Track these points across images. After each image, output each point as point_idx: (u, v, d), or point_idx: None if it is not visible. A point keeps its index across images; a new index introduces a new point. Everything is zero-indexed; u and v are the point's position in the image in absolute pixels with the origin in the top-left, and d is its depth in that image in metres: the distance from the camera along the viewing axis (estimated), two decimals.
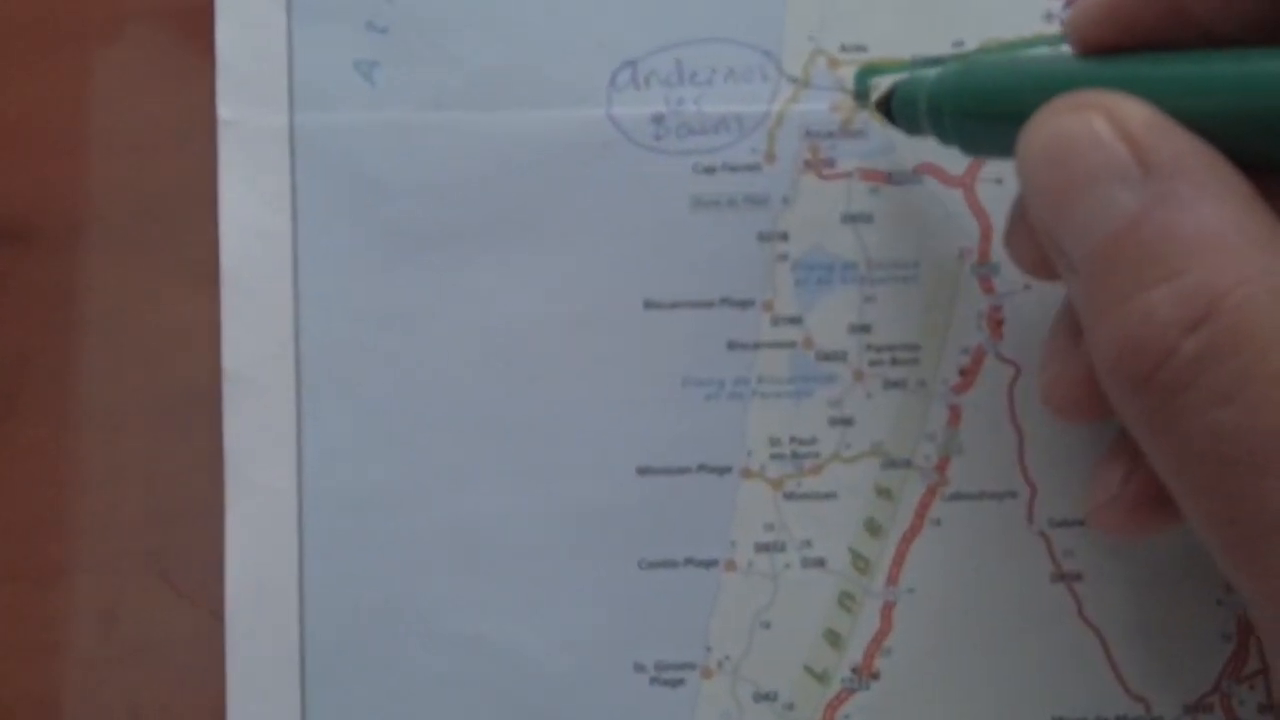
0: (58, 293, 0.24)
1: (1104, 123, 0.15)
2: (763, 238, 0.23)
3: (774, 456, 0.23)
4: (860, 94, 0.23)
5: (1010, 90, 0.17)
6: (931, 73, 0.20)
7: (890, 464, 0.23)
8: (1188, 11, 0.16)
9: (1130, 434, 0.16)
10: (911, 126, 0.21)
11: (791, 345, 0.23)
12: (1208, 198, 0.14)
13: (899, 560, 0.23)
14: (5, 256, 0.24)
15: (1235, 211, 0.14)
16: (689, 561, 0.23)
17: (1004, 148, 0.17)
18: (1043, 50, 0.18)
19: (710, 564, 0.23)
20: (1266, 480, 0.14)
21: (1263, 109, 0.15)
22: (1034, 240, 0.17)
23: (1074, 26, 0.17)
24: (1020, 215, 0.19)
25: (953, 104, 0.19)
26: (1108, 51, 0.17)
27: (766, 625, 0.23)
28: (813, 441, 0.23)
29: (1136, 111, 0.15)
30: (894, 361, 0.23)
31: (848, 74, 0.23)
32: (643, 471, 0.23)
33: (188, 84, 0.23)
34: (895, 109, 0.21)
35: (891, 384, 0.23)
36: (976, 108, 0.18)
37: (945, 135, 0.19)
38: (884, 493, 0.23)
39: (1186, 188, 0.14)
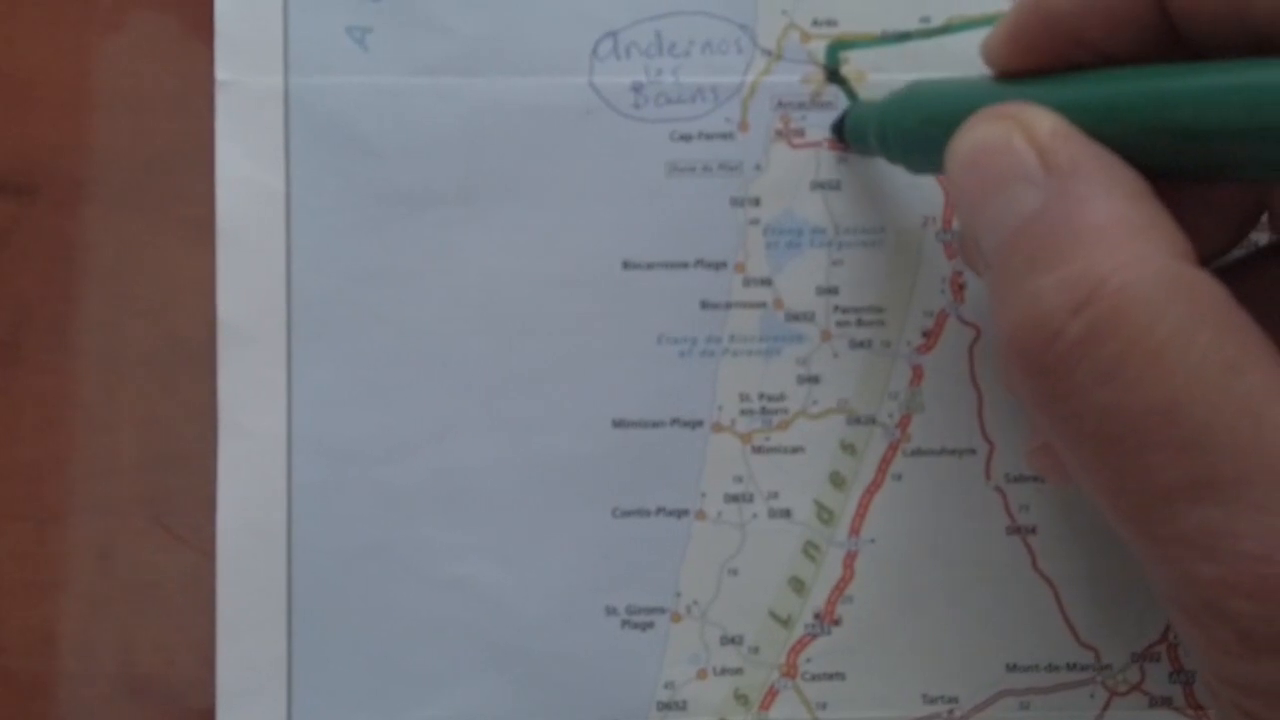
0: (59, 246, 0.24)
1: (1015, 130, 0.16)
2: (735, 202, 0.24)
3: (744, 412, 0.24)
4: (830, 67, 0.24)
5: (943, 109, 0.19)
6: (878, 99, 0.21)
7: (855, 420, 0.24)
8: (1083, 38, 0.17)
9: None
10: (862, 147, 0.23)
11: (762, 305, 0.24)
12: (1099, 194, 0.15)
13: (861, 512, 0.24)
14: (9, 211, 0.25)
15: (1123, 206, 0.15)
16: (661, 511, 0.24)
17: (941, 164, 0.18)
18: (975, 76, 0.19)
19: (681, 513, 0.24)
20: (1147, 455, 0.14)
21: (1152, 120, 0.16)
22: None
23: (987, 52, 0.19)
24: None
25: (896, 124, 0.20)
26: (1019, 73, 0.18)
27: (734, 572, 0.24)
28: (781, 398, 0.24)
29: (1044, 120, 0.16)
30: (860, 322, 0.24)
31: (819, 48, 0.24)
32: (618, 424, 0.24)
33: (186, 47, 0.24)
34: (848, 133, 0.23)
35: (857, 344, 0.24)
36: (916, 126, 0.20)
37: (891, 154, 0.21)
38: (848, 448, 0.24)
39: (1081, 186, 0.16)
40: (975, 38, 0.24)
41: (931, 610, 0.24)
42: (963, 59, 0.24)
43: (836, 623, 0.24)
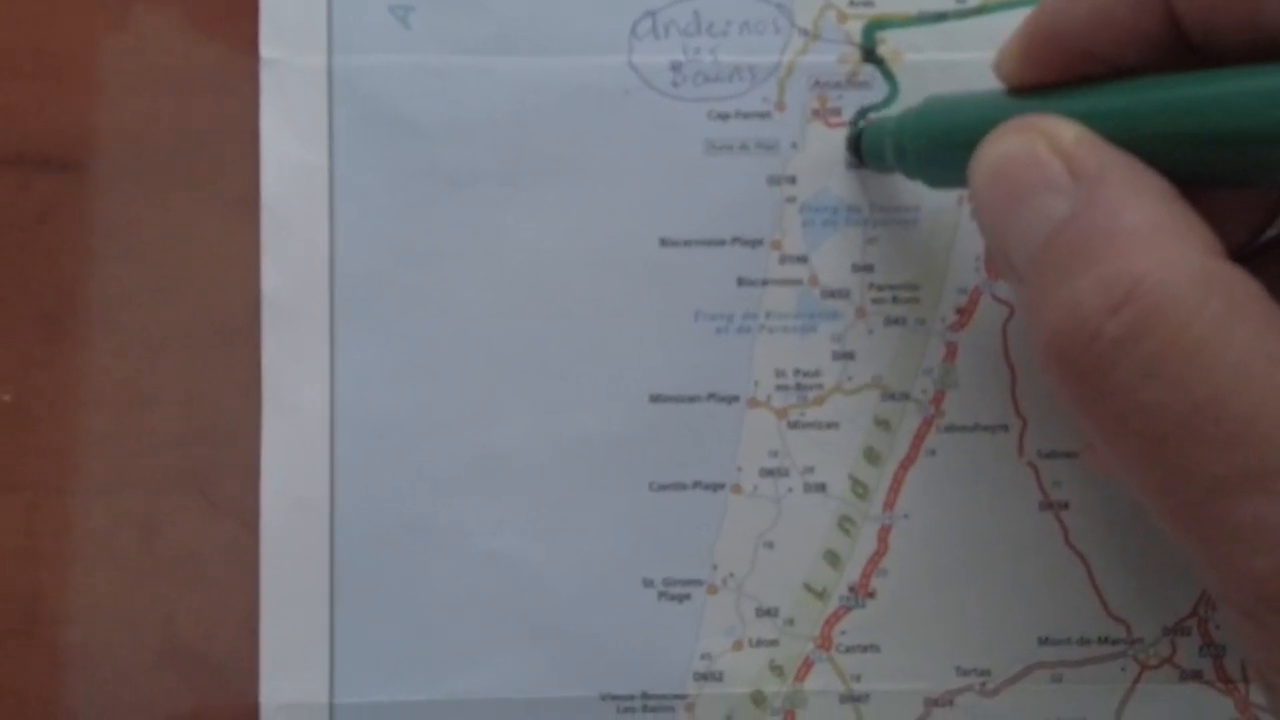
0: (102, 222, 0.25)
1: (1040, 140, 0.17)
2: (772, 181, 0.24)
3: (779, 387, 0.24)
4: (867, 47, 0.24)
5: (961, 123, 0.19)
6: (894, 115, 0.22)
7: (889, 396, 0.24)
8: (1095, 51, 0.18)
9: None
10: (879, 164, 0.23)
11: (798, 283, 0.24)
12: (1128, 198, 0.16)
13: (896, 487, 0.24)
14: (52, 186, 0.25)
15: (1154, 208, 0.16)
16: (697, 485, 0.24)
17: (960, 178, 0.18)
18: (990, 90, 0.19)
19: (717, 487, 0.24)
20: (1194, 451, 0.14)
21: (1174, 126, 0.16)
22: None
23: (999, 67, 0.19)
24: None
25: (913, 140, 0.20)
26: (1032, 87, 0.18)
27: (770, 545, 0.24)
28: (816, 374, 0.24)
29: (1068, 130, 0.17)
30: (895, 300, 0.24)
31: (855, 28, 0.24)
32: (655, 399, 0.24)
33: (228, 24, 0.25)
34: (864, 150, 0.23)
35: (892, 321, 0.24)
36: (934, 141, 0.20)
37: (909, 169, 0.21)
38: (882, 423, 0.24)
39: (1110, 191, 0.16)
40: (1011, 18, 0.24)
41: (965, 584, 0.24)
42: (999, 39, 0.24)
43: (871, 595, 0.24)
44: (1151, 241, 0.15)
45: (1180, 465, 0.15)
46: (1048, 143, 0.16)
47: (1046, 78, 0.18)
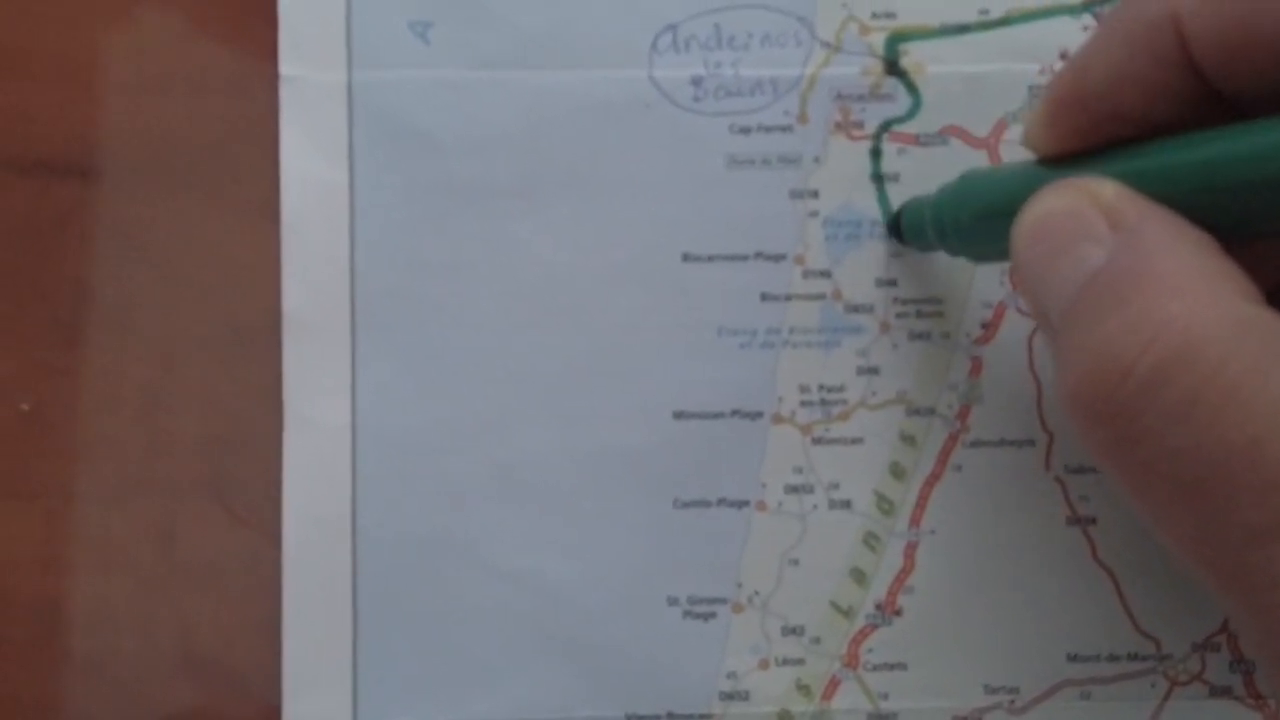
0: (120, 228, 0.25)
1: (1081, 197, 0.17)
2: (795, 195, 0.24)
3: (803, 403, 0.24)
4: (889, 59, 0.24)
5: (999, 195, 0.19)
6: (932, 194, 0.21)
7: (914, 411, 0.24)
8: (1120, 111, 0.17)
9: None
10: (921, 244, 0.23)
11: (821, 297, 0.24)
12: (1164, 245, 0.15)
13: (921, 503, 0.24)
14: (70, 193, 0.25)
15: (1189, 255, 0.15)
16: (721, 502, 0.24)
17: (1003, 250, 0.18)
18: (1023, 161, 0.19)
19: (742, 504, 0.24)
20: (1230, 497, 0.14)
21: (1210, 181, 0.16)
22: None
23: (1028, 140, 0.19)
24: None
25: (953, 216, 0.20)
26: (1064, 155, 0.18)
27: (795, 563, 0.24)
28: (840, 389, 0.24)
29: (1108, 186, 0.16)
30: (919, 314, 0.24)
31: (878, 40, 0.24)
32: (679, 416, 0.24)
33: (247, 32, 0.24)
34: (905, 230, 0.23)
35: (916, 335, 0.24)
36: (974, 215, 0.20)
37: (952, 247, 0.21)
38: (908, 439, 0.24)
39: (1148, 239, 0.16)
40: (1033, 30, 0.24)
41: (992, 600, 0.24)
42: (1021, 51, 0.24)
43: (898, 613, 0.24)
44: (1185, 286, 0.15)
45: (1217, 513, 0.14)
46: (1088, 198, 0.16)
47: (1077, 144, 0.18)
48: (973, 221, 0.20)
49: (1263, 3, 0.16)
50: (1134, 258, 0.15)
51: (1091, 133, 0.18)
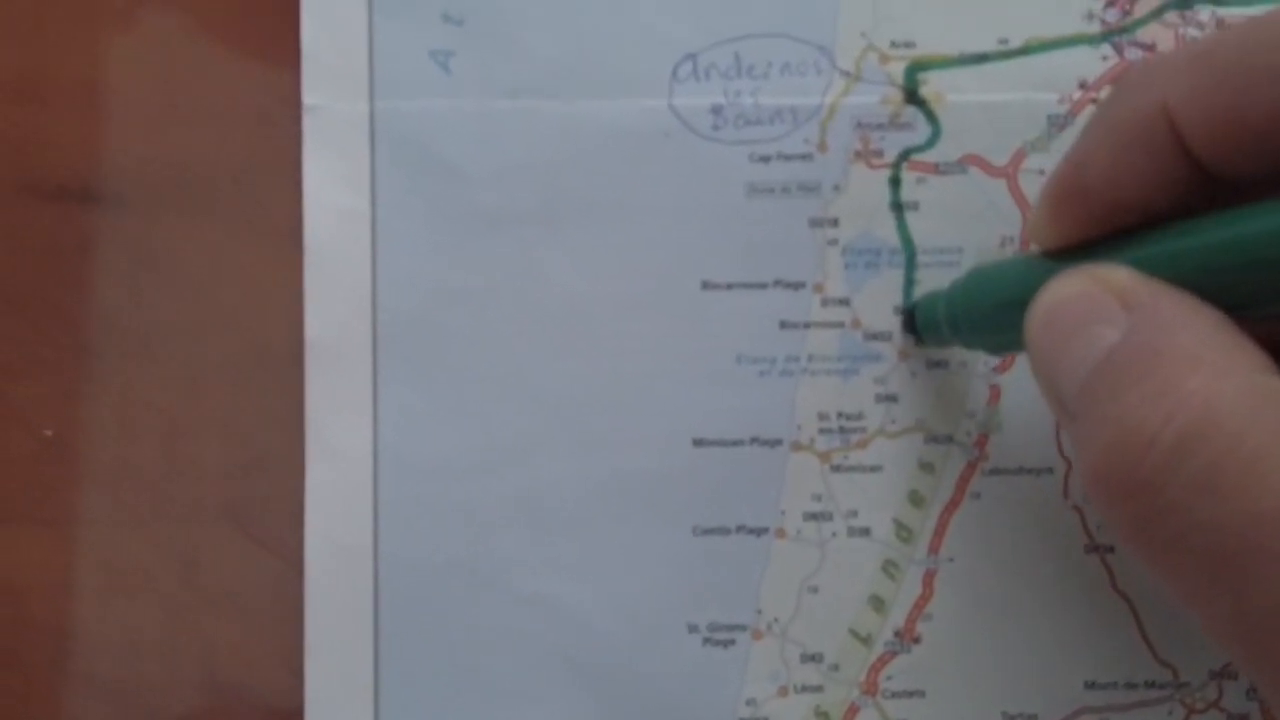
0: (143, 254, 0.25)
1: (1092, 281, 0.17)
2: (814, 223, 0.24)
3: (822, 430, 0.24)
4: (909, 88, 0.24)
5: (1011, 291, 0.19)
6: (943, 291, 0.22)
7: (932, 439, 0.24)
8: (1120, 202, 0.18)
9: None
10: (938, 340, 0.23)
11: (840, 325, 0.24)
12: (1180, 321, 0.16)
13: (940, 530, 0.24)
14: (94, 219, 0.25)
15: (1205, 329, 0.15)
16: (741, 529, 0.24)
17: (1019, 339, 0.18)
18: (1030, 253, 0.19)
19: (761, 531, 0.24)
20: (1259, 568, 0.14)
21: (1219, 263, 0.16)
22: None
23: (1033, 235, 0.19)
24: None
25: (965, 311, 0.21)
26: (1069, 248, 0.18)
27: (814, 590, 0.24)
28: (859, 417, 0.24)
29: (1119, 270, 0.17)
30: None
31: (897, 69, 0.24)
32: (698, 443, 0.24)
33: (272, 62, 0.25)
34: (920, 328, 0.23)
35: (935, 364, 0.24)
36: (985, 309, 0.20)
37: (967, 340, 0.21)
38: (926, 466, 0.24)
39: (1163, 314, 0.16)
40: (1053, 59, 0.24)
41: (1011, 628, 0.24)
42: (1040, 80, 0.24)
43: (917, 640, 0.24)
44: (1202, 358, 0.15)
45: (1250, 585, 0.14)
46: (1100, 283, 0.17)
47: (1080, 235, 0.18)
48: (983, 314, 0.20)
49: (1251, 91, 0.16)
50: (1150, 333, 0.16)
51: (1094, 224, 0.18)
